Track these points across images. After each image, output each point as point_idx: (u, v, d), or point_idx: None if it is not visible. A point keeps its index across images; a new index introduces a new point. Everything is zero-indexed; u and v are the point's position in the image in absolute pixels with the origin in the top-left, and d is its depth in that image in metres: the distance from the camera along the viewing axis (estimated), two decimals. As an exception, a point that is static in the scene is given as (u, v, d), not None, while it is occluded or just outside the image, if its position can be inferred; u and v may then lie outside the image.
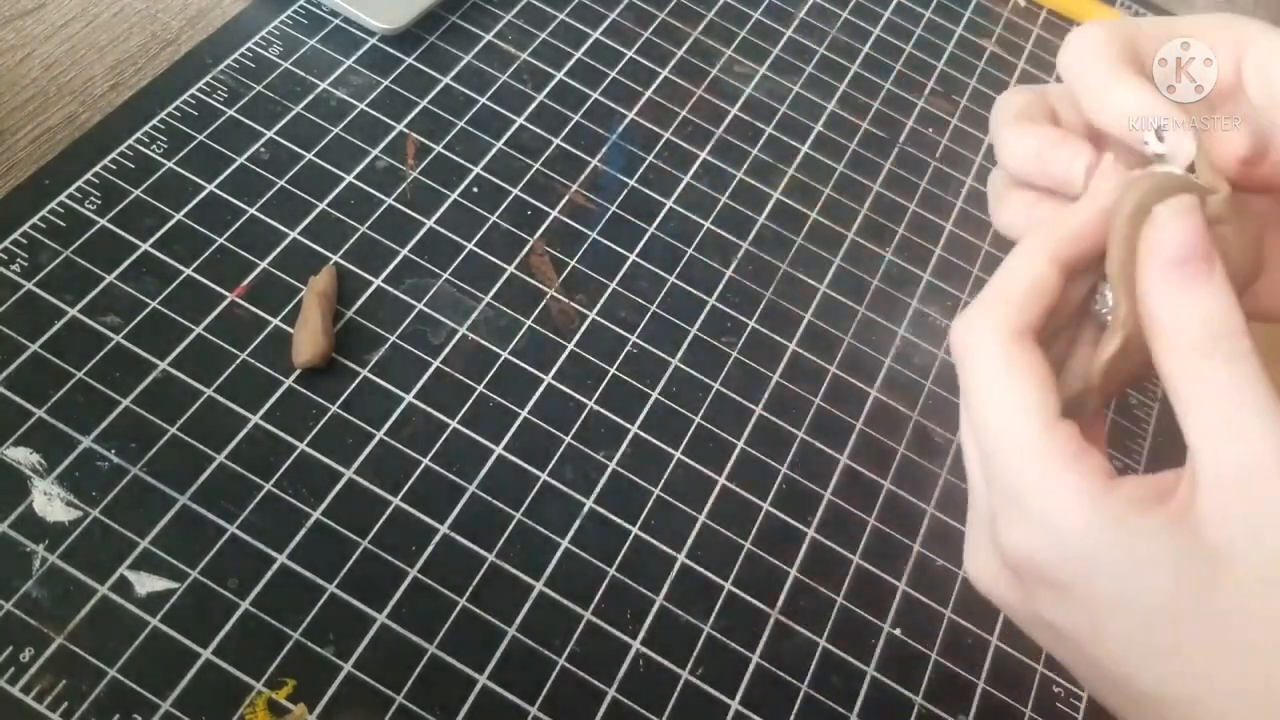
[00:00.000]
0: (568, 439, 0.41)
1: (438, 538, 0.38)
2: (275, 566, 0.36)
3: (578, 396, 0.42)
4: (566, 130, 0.50)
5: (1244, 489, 0.23)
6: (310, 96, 0.48)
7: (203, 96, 0.47)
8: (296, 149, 0.46)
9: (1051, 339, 0.28)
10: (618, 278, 0.46)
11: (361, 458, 0.39)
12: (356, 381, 0.41)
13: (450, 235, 0.45)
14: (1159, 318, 0.25)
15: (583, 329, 0.44)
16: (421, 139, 0.48)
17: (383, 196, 0.46)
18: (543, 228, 0.47)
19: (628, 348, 0.44)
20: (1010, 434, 0.25)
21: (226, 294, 0.41)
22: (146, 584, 0.35)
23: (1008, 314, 0.26)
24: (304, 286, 0.42)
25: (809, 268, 0.49)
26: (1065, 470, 0.24)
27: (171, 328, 0.40)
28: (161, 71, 0.47)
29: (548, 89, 0.51)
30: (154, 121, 0.45)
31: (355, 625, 0.36)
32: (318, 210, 0.44)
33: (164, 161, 0.44)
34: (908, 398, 0.46)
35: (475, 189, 0.47)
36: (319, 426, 0.39)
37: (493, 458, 0.40)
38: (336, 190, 0.45)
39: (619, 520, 0.40)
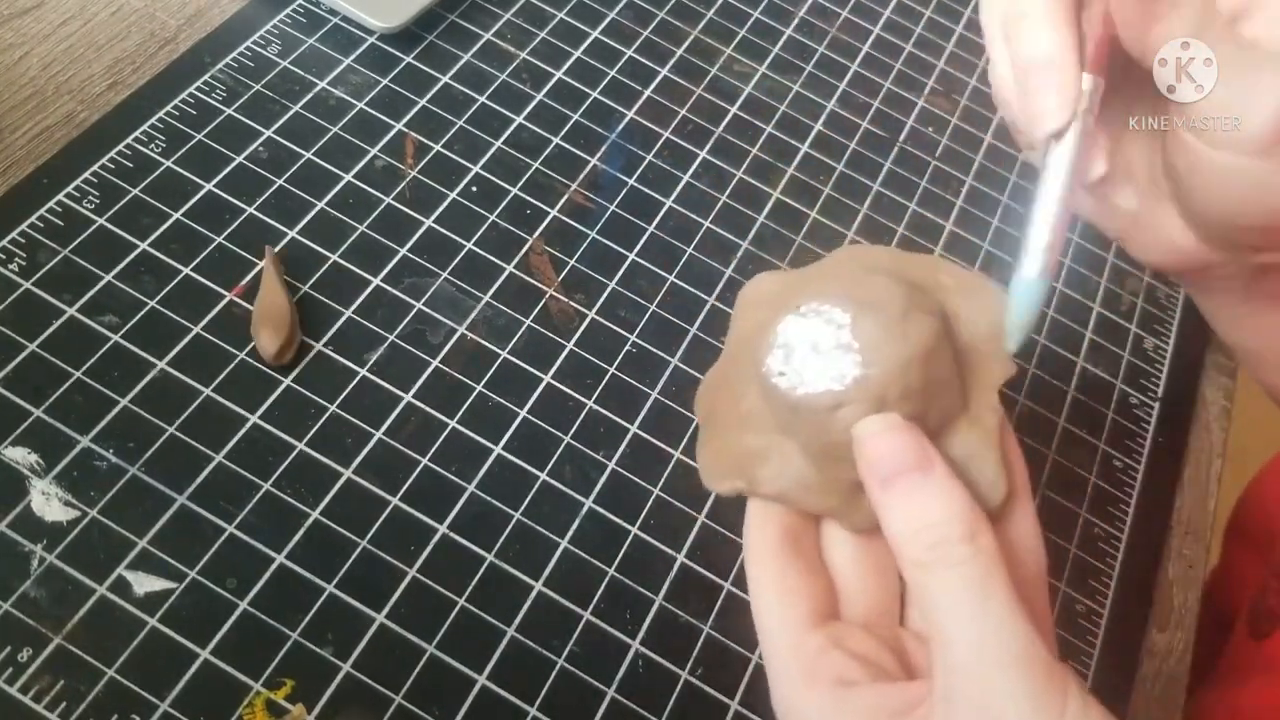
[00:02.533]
0: (567, 439, 0.41)
1: (437, 537, 0.38)
2: (274, 566, 0.36)
3: (577, 396, 0.42)
4: (566, 129, 0.50)
5: (960, 698, 0.24)
6: (309, 95, 0.48)
7: (201, 95, 0.46)
8: (295, 148, 0.46)
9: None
10: (617, 277, 0.46)
11: (360, 457, 0.39)
12: (355, 381, 0.41)
13: (449, 234, 0.45)
14: (885, 530, 0.26)
15: (582, 328, 0.44)
16: (420, 138, 0.48)
17: (382, 195, 0.46)
18: (542, 227, 0.47)
19: (627, 347, 0.44)
20: (764, 649, 0.27)
21: (225, 293, 0.41)
22: (145, 584, 0.35)
23: (755, 540, 0.28)
24: (303, 286, 0.42)
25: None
26: (802, 683, 0.26)
27: (170, 327, 0.40)
28: (160, 70, 0.47)
29: (547, 88, 0.51)
30: (152, 120, 0.45)
31: (354, 625, 0.36)
32: (317, 209, 0.44)
33: (162, 160, 0.44)
34: (907, 397, 0.46)
35: (474, 188, 0.47)
36: (318, 426, 0.39)
37: (492, 457, 0.40)
38: (335, 189, 0.45)
39: (618, 520, 0.40)
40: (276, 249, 0.43)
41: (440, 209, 0.46)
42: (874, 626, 0.28)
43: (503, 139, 0.49)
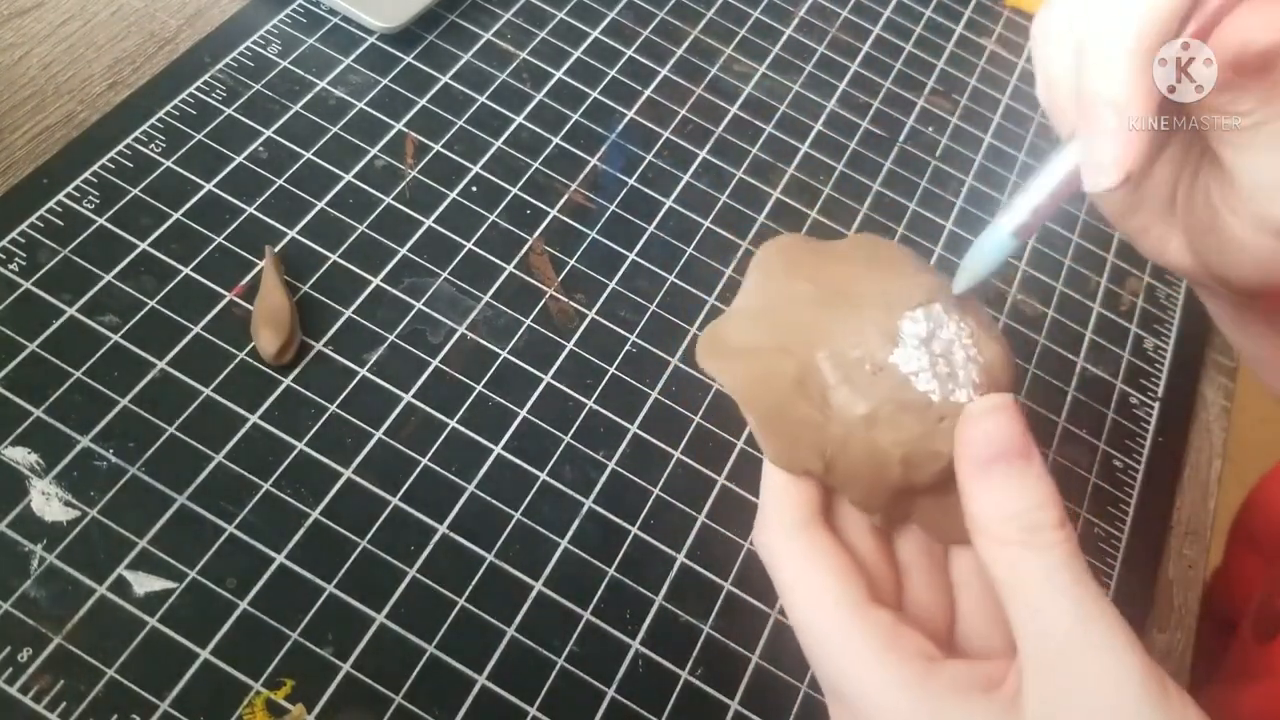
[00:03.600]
0: (567, 438, 0.41)
1: (437, 537, 0.38)
2: (274, 566, 0.36)
3: (577, 396, 0.42)
4: (566, 129, 0.50)
5: (1057, 675, 0.23)
6: (309, 95, 0.48)
7: (201, 95, 0.46)
8: (295, 148, 0.46)
9: None
10: (617, 277, 0.46)
11: (360, 457, 0.39)
12: (355, 381, 0.41)
13: (449, 234, 0.45)
14: (972, 511, 0.25)
15: (582, 328, 0.44)
16: (420, 138, 0.48)
17: (382, 195, 0.46)
18: (542, 227, 0.47)
19: (627, 347, 0.44)
20: (821, 629, 0.25)
21: (225, 293, 0.41)
22: (145, 584, 0.35)
23: (790, 513, 0.27)
24: (303, 286, 0.42)
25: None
26: (879, 661, 0.25)
27: (170, 327, 0.40)
28: (160, 70, 0.47)
29: (547, 88, 0.51)
30: (152, 120, 0.45)
31: (354, 625, 0.36)
32: (316, 209, 0.44)
33: (162, 160, 0.44)
34: (907, 397, 0.46)
35: (474, 188, 0.47)
36: (318, 426, 0.39)
37: (492, 457, 0.40)
38: (335, 189, 0.45)
39: (618, 520, 0.40)
40: (276, 249, 0.43)
41: (440, 209, 0.46)
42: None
43: (503, 139, 0.49)
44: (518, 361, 0.43)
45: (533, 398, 0.42)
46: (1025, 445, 0.25)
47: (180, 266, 0.42)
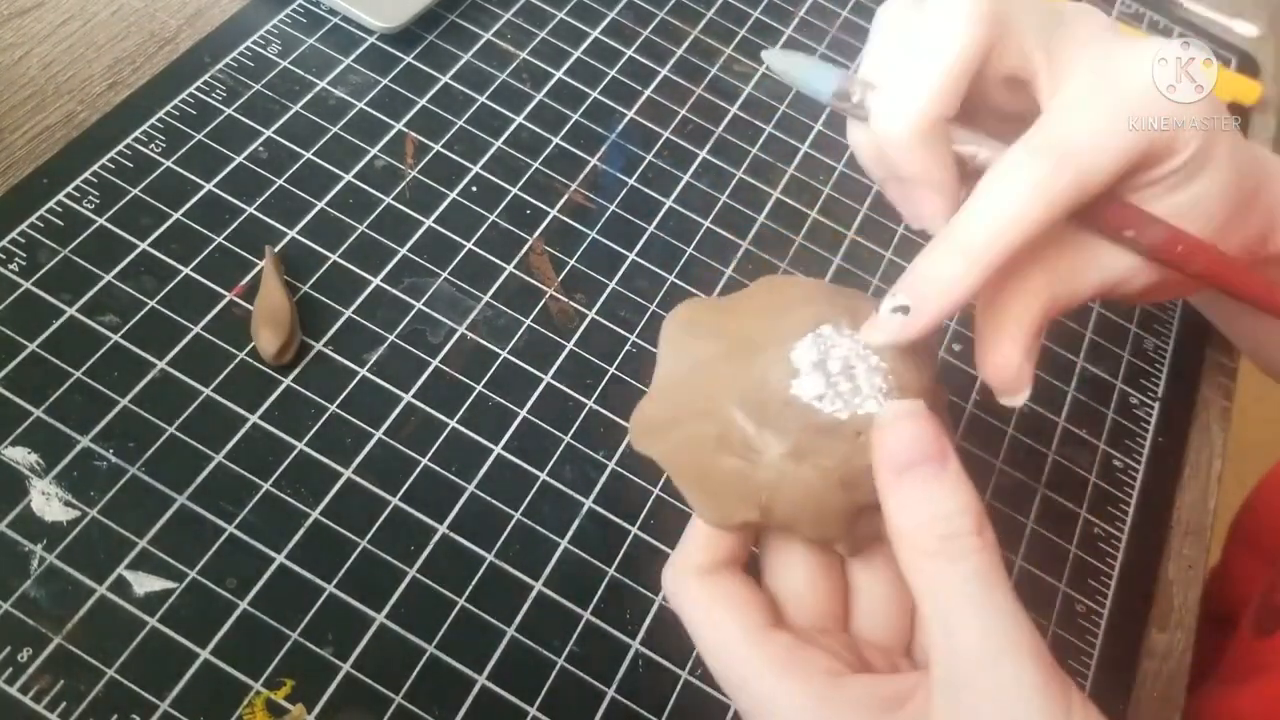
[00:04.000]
0: (567, 438, 0.41)
1: (437, 537, 0.38)
2: (274, 566, 0.36)
3: (577, 396, 0.42)
4: (566, 129, 0.50)
5: (964, 690, 0.24)
6: (309, 95, 0.48)
7: (201, 95, 0.46)
8: (295, 148, 0.46)
9: None
10: (617, 277, 0.46)
11: (360, 457, 0.39)
12: (355, 381, 0.41)
13: (449, 234, 0.45)
14: (891, 520, 0.25)
15: (582, 328, 0.44)
16: (420, 138, 0.48)
17: (381, 195, 0.46)
18: (542, 227, 0.47)
19: (627, 347, 0.44)
20: (726, 661, 0.26)
21: (225, 293, 0.41)
22: (145, 584, 0.35)
23: (693, 558, 0.28)
24: (303, 286, 0.42)
25: (809, 267, 0.49)
26: (779, 682, 0.25)
27: (170, 327, 0.40)
28: (160, 70, 0.47)
29: (547, 88, 0.51)
30: (152, 120, 0.45)
31: (354, 625, 0.36)
32: (316, 209, 0.44)
33: (162, 160, 0.44)
34: (907, 397, 0.46)
35: (474, 188, 0.47)
36: (318, 426, 0.39)
37: (492, 457, 0.40)
38: (335, 189, 0.45)
39: (618, 520, 0.40)
40: (276, 249, 0.43)
41: (440, 209, 0.46)
42: (824, 633, 0.28)
43: (503, 139, 0.49)
44: (518, 361, 0.43)
45: (533, 398, 0.42)
46: (939, 449, 0.25)
47: (180, 266, 0.42)
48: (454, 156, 0.48)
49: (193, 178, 0.44)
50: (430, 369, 0.42)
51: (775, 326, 0.29)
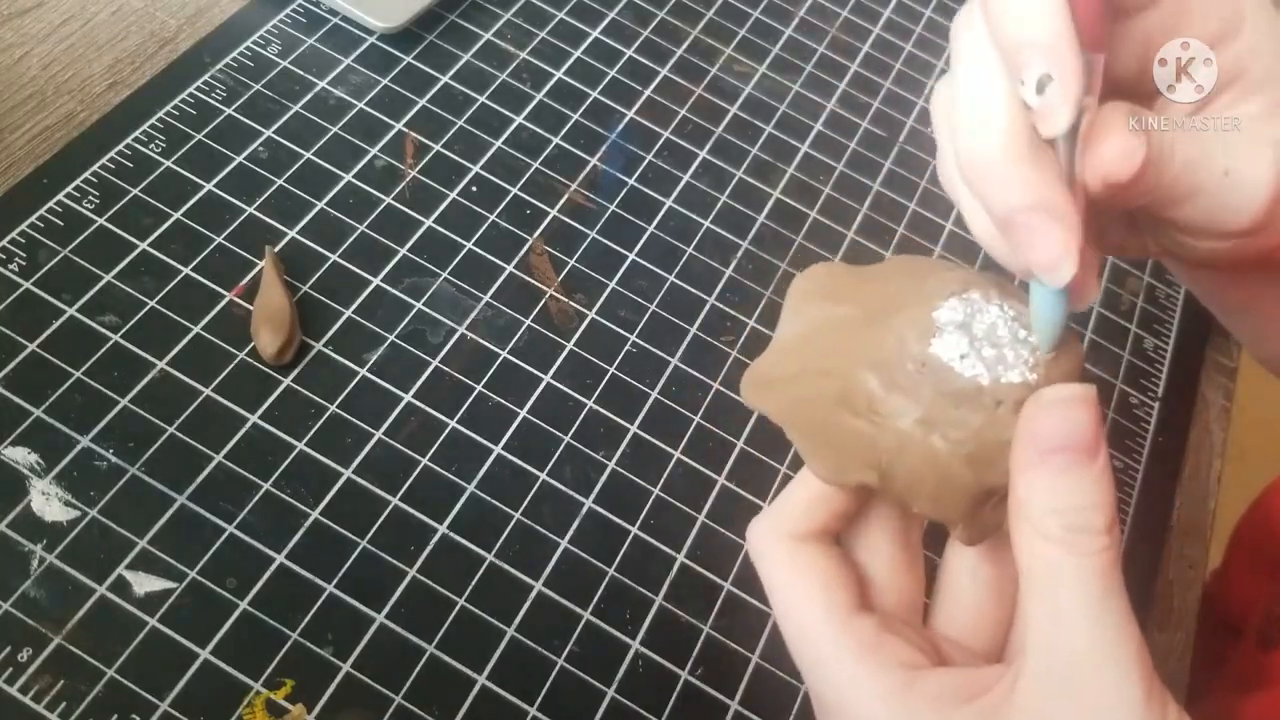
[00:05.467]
0: (567, 439, 0.41)
1: (436, 537, 0.38)
2: (274, 566, 0.36)
3: (577, 396, 0.42)
4: (566, 129, 0.50)
5: (1058, 687, 0.23)
6: (309, 95, 0.48)
7: (201, 95, 0.46)
8: (295, 148, 0.46)
9: None
10: (617, 277, 0.46)
11: (360, 457, 0.39)
12: (355, 381, 0.41)
13: (449, 234, 0.45)
14: (1019, 495, 0.24)
15: (582, 328, 0.44)
16: (420, 138, 0.48)
17: (381, 195, 0.46)
18: (542, 227, 0.47)
19: (627, 347, 0.44)
20: (806, 638, 0.25)
21: (225, 293, 0.41)
22: (145, 584, 0.35)
23: (788, 522, 0.26)
24: (303, 286, 0.42)
25: (809, 267, 0.49)
26: (856, 669, 0.24)
27: (170, 327, 0.40)
28: (160, 70, 0.47)
29: (547, 88, 0.51)
30: (152, 120, 0.45)
31: (354, 625, 0.36)
32: (316, 209, 0.44)
33: (162, 160, 0.44)
34: (907, 397, 0.46)
35: (474, 188, 0.47)
36: (318, 426, 0.39)
37: (492, 457, 0.40)
38: (335, 189, 0.45)
39: (618, 520, 0.40)
40: (276, 249, 0.43)
41: (440, 209, 0.46)
42: (905, 624, 0.27)
43: (503, 139, 0.49)
44: (518, 361, 0.43)
45: (533, 398, 0.42)
46: (1095, 442, 0.23)
47: (180, 266, 0.42)
48: (454, 156, 0.48)
49: (193, 178, 0.44)
50: (430, 369, 0.42)
51: (918, 289, 0.27)
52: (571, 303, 0.45)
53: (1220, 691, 0.49)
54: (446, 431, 0.40)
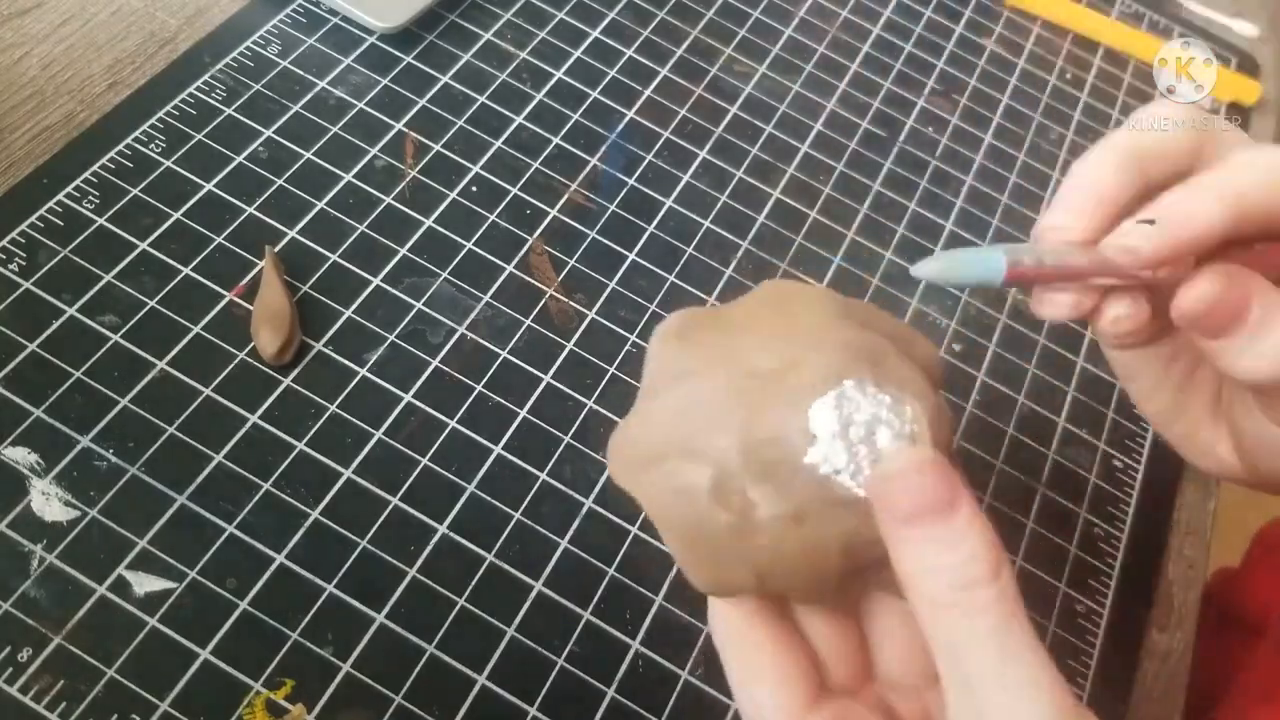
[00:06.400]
0: (567, 438, 0.41)
1: (436, 537, 0.38)
2: (274, 566, 0.36)
3: (577, 396, 0.42)
4: (566, 129, 0.50)
5: None
6: (309, 95, 0.48)
7: (201, 95, 0.46)
8: (295, 148, 0.46)
9: None
10: (617, 277, 0.46)
11: (360, 457, 0.39)
12: (355, 381, 0.41)
13: (449, 234, 0.45)
14: (901, 570, 0.24)
15: (582, 328, 0.44)
16: (420, 138, 0.48)
17: (381, 195, 0.46)
18: (542, 227, 0.47)
19: (627, 347, 0.44)
20: None
21: (225, 293, 0.41)
22: (145, 584, 0.35)
23: (730, 606, 0.27)
24: (303, 286, 0.42)
25: (809, 267, 0.49)
26: None
27: (170, 327, 0.40)
28: (160, 70, 0.47)
29: (547, 88, 0.51)
30: (152, 120, 0.45)
31: (354, 625, 0.36)
32: (316, 209, 0.44)
33: (162, 160, 0.44)
34: (907, 397, 0.46)
35: (474, 188, 0.47)
36: (318, 426, 0.39)
37: (492, 457, 0.40)
38: (335, 189, 0.45)
39: (618, 520, 0.40)
40: (276, 249, 0.43)
41: (440, 209, 0.46)
42: (859, 694, 0.28)
43: (503, 139, 0.49)
44: (518, 361, 0.43)
45: (533, 398, 0.42)
46: (946, 497, 0.24)
47: (180, 266, 0.42)
48: (454, 156, 0.48)
49: (193, 178, 0.44)
50: (430, 369, 0.42)
51: (791, 367, 0.26)
52: (571, 303, 0.45)
53: (1239, 699, 0.48)
54: (446, 431, 0.40)
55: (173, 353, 0.39)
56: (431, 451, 0.40)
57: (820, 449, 0.25)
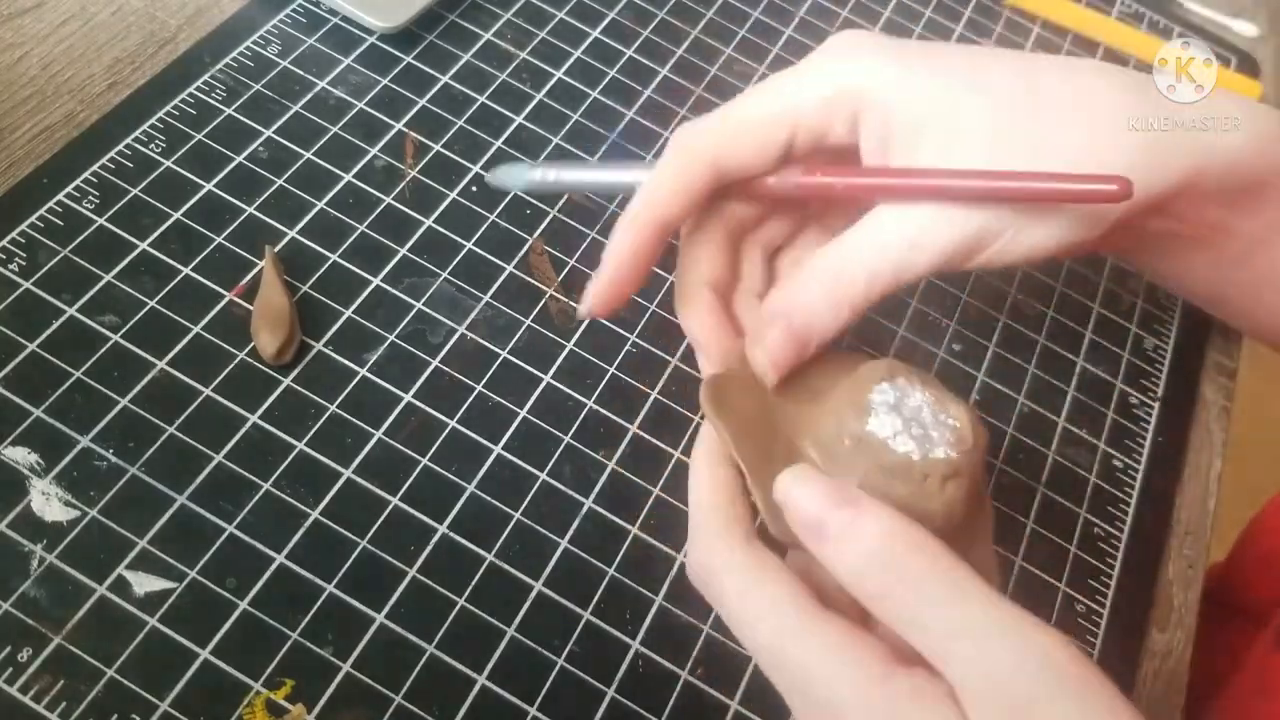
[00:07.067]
0: (567, 438, 0.41)
1: (436, 537, 0.38)
2: (274, 566, 0.36)
3: (577, 396, 0.42)
4: (566, 129, 0.50)
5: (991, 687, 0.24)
6: (309, 95, 0.48)
7: (201, 95, 0.46)
8: (295, 148, 0.46)
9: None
10: (617, 277, 0.46)
11: (360, 457, 0.39)
12: (355, 381, 0.41)
13: (449, 234, 0.45)
14: (834, 573, 0.26)
15: (582, 328, 0.44)
16: (420, 138, 0.48)
17: (381, 195, 0.46)
18: (542, 227, 0.47)
19: (627, 347, 0.44)
20: (781, 631, 0.26)
21: (225, 293, 0.41)
22: (145, 584, 0.35)
23: (739, 526, 0.28)
24: (303, 286, 0.42)
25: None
26: (840, 656, 0.25)
27: (170, 327, 0.40)
28: (160, 70, 0.47)
29: (547, 88, 0.51)
30: (152, 120, 0.45)
31: (354, 625, 0.36)
32: (316, 209, 0.44)
33: (162, 160, 0.44)
34: (907, 397, 0.46)
35: (474, 188, 0.47)
36: (317, 426, 0.39)
37: (491, 457, 0.40)
38: (335, 189, 0.45)
39: (618, 520, 0.40)
40: (276, 249, 0.43)
41: (440, 209, 0.46)
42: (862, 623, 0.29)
43: (503, 139, 0.49)
44: (517, 361, 0.43)
45: (533, 398, 0.42)
46: (839, 500, 0.26)
47: (180, 266, 0.42)
48: (454, 156, 0.48)
49: (193, 178, 0.44)
50: (430, 369, 0.42)
51: (850, 373, 0.31)
52: (571, 303, 0.45)
53: (1237, 693, 0.48)
54: (446, 431, 0.40)
55: (173, 353, 0.39)
56: (431, 451, 0.40)
57: (879, 420, 0.30)
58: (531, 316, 0.44)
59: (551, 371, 0.43)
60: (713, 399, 0.32)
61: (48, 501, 0.36)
